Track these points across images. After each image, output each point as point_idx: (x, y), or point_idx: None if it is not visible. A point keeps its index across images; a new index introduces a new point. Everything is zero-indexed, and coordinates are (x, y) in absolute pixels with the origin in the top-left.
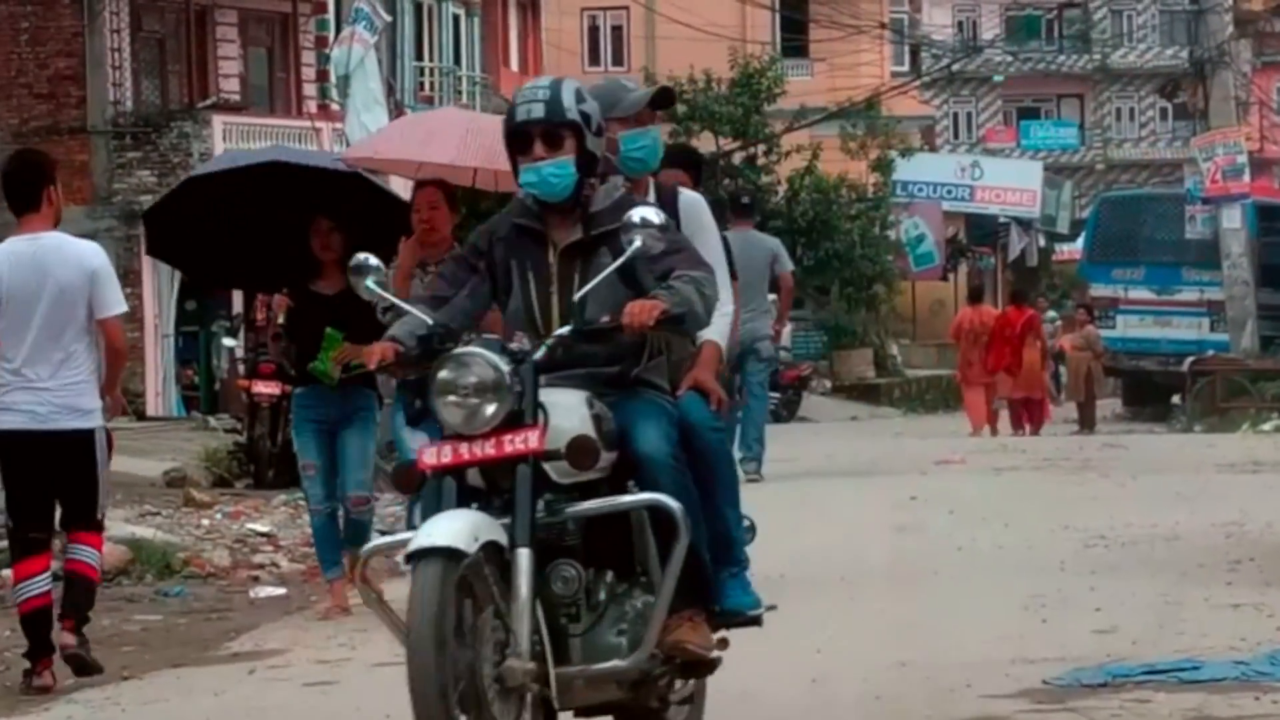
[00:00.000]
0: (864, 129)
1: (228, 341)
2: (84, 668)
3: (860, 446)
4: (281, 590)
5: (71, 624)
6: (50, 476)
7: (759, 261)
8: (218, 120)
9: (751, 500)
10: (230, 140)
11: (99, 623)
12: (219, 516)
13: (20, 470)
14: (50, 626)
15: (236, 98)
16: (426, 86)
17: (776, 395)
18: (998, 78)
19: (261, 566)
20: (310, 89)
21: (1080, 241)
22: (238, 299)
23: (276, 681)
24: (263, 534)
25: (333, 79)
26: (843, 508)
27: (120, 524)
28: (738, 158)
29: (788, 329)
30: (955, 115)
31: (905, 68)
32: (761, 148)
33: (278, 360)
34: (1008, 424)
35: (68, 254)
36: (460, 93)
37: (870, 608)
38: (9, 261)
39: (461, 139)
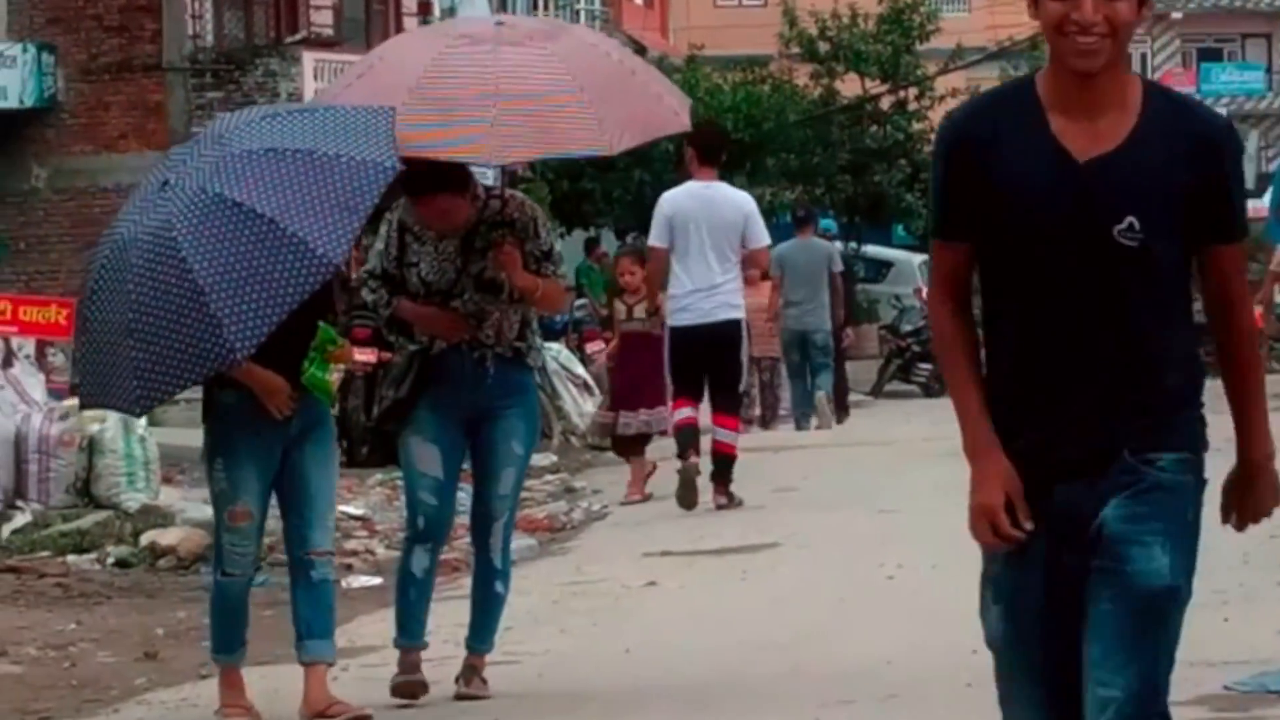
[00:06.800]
0: (1027, 71)
1: None
2: (732, 499)
3: None
4: (377, 580)
5: (722, 488)
6: (707, 358)
7: (817, 264)
8: (308, 57)
9: (900, 483)
10: (322, 79)
11: (174, 615)
12: None
13: (686, 354)
14: (696, 440)
15: (329, 32)
16: None
17: (928, 367)
18: (1176, 14)
19: (355, 554)
20: (411, 23)
21: (1266, 198)
22: None
23: (371, 681)
24: (356, 518)
25: (436, 11)
26: None
27: (198, 505)
28: (886, 102)
29: None
30: (1128, 56)
31: None
32: (913, 91)
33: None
34: None
35: (729, 198)
36: None
37: None
38: (687, 198)
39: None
